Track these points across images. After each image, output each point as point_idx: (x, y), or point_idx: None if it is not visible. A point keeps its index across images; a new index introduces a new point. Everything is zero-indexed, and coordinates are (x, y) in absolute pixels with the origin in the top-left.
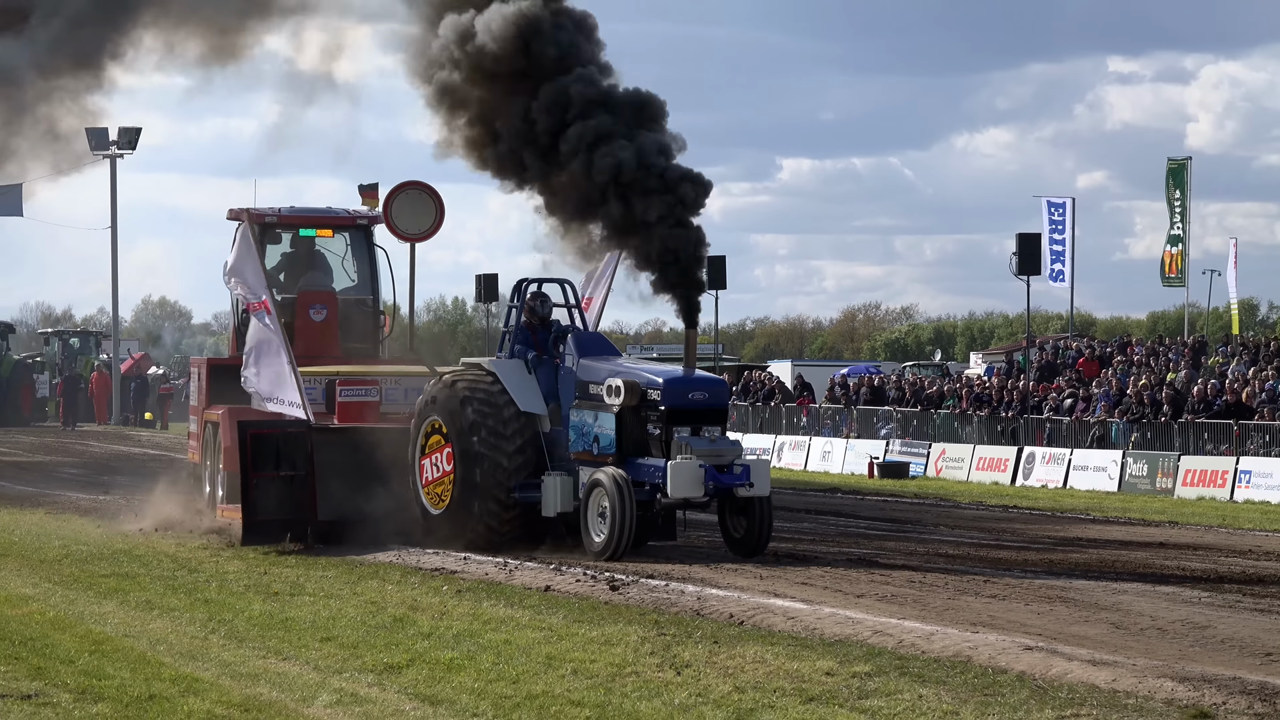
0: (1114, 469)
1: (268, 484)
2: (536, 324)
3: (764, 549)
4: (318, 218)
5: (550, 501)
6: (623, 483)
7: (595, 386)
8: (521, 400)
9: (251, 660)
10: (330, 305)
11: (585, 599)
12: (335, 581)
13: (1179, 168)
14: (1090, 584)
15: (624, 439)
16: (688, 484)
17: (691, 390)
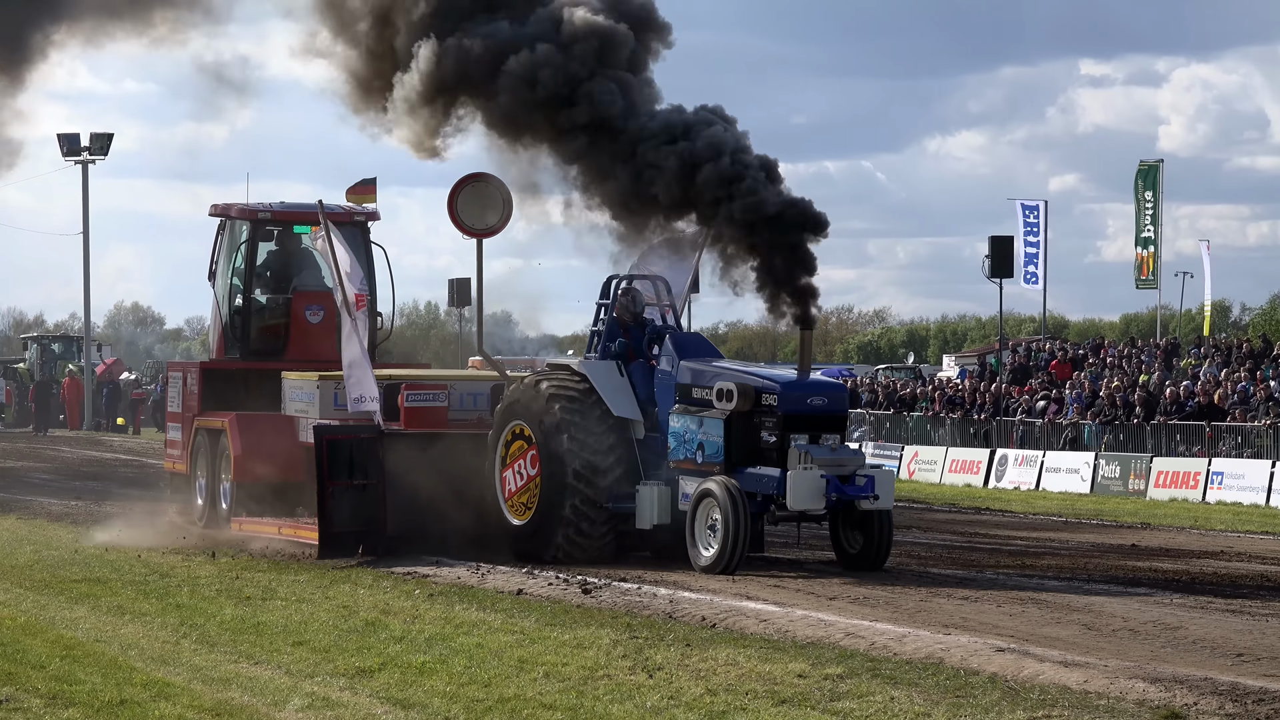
0: (1086, 471)
1: (342, 494)
2: (628, 322)
3: (882, 566)
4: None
5: (646, 512)
6: (736, 493)
7: (700, 390)
8: (614, 404)
9: (223, 665)
10: (328, 306)
11: (557, 602)
12: (307, 586)
13: (1150, 170)
14: (1062, 586)
15: (733, 447)
16: (809, 496)
17: (811, 395)
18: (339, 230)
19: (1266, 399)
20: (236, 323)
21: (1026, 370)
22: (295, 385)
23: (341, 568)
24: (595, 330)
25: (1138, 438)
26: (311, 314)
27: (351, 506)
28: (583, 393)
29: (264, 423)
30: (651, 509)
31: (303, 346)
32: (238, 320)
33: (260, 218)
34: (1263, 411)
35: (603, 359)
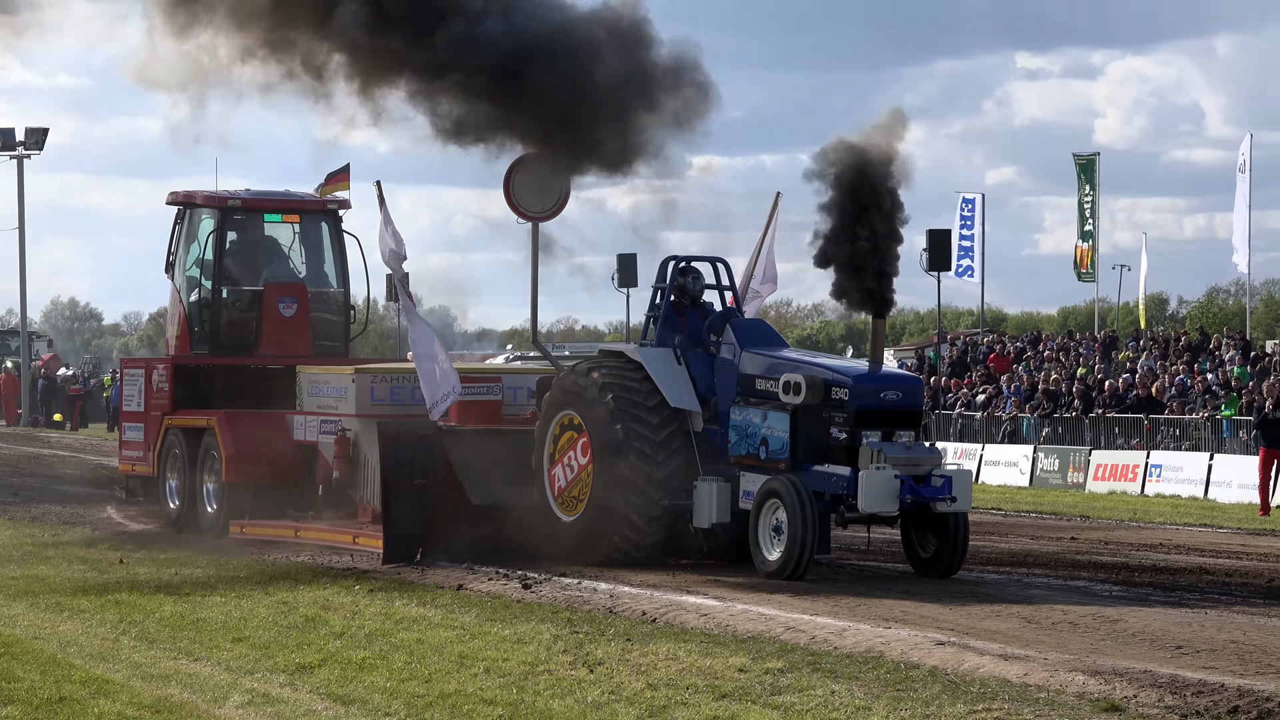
0: (1025, 464)
1: (405, 494)
2: (686, 307)
3: (957, 571)
4: (287, 202)
5: (704, 511)
6: (804, 494)
7: (764, 381)
8: (671, 394)
9: (162, 661)
10: (301, 299)
11: (498, 598)
12: (246, 582)
13: (1088, 163)
14: (1002, 579)
15: (799, 443)
16: (882, 497)
17: (884, 389)
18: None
19: (1204, 392)
20: (204, 317)
21: (964, 364)
22: (319, 380)
23: (281, 564)
24: (650, 315)
25: (1076, 431)
26: (284, 307)
27: (414, 507)
28: (638, 382)
29: (255, 420)
30: (710, 507)
31: (276, 341)
32: (204, 314)
33: (229, 206)
34: (1200, 404)
35: (659, 346)
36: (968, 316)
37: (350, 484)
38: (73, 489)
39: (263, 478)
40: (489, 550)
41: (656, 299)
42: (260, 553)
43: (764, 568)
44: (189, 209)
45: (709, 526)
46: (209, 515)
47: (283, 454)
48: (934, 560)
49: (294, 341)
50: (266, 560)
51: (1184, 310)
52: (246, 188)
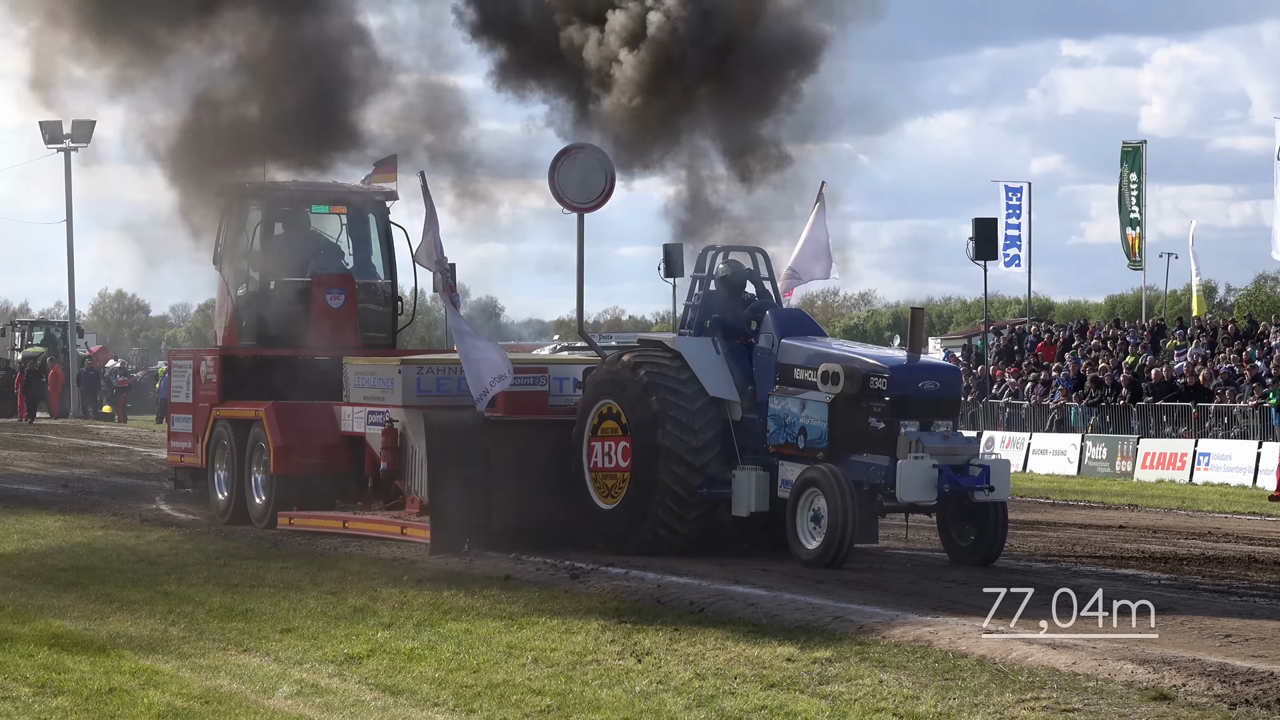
0: (1073, 452)
1: (454, 485)
2: (725, 296)
3: (995, 560)
4: (334, 192)
5: (743, 499)
6: (844, 482)
7: (802, 371)
8: (710, 384)
9: (211, 652)
10: (349, 290)
11: (545, 588)
12: (295, 573)
13: (1134, 151)
14: (1050, 568)
15: (837, 432)
16: (920, 486)
17: (922, 379)
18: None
19: (1252, 379)
20: (251, 308)
21: (1012, 352)
22: (365, 371)
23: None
24: (690, 304)
25: (1124, 419)
26: (332, 298)
27: (462, 498)
28: (676, 370)
29: (303, 412)
30: (749, 495)
31: (323, 332)
32: (252, 306)
33: (277, 197)
34: (1249, 392)
35: (698, 335)
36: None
37: (398, 474)
38: (121, 480)
39: (311, 469)
40: (536, 541)
41: (696, 289)
42: (308, 544)
43: (802, 556)
44: (236, 200)
45: (747, 515)
46: (257, 506)
47: (330, 445)
48: (972, 550)
49: (341, 333)
50: (315, 551)
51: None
52: (293, 179)
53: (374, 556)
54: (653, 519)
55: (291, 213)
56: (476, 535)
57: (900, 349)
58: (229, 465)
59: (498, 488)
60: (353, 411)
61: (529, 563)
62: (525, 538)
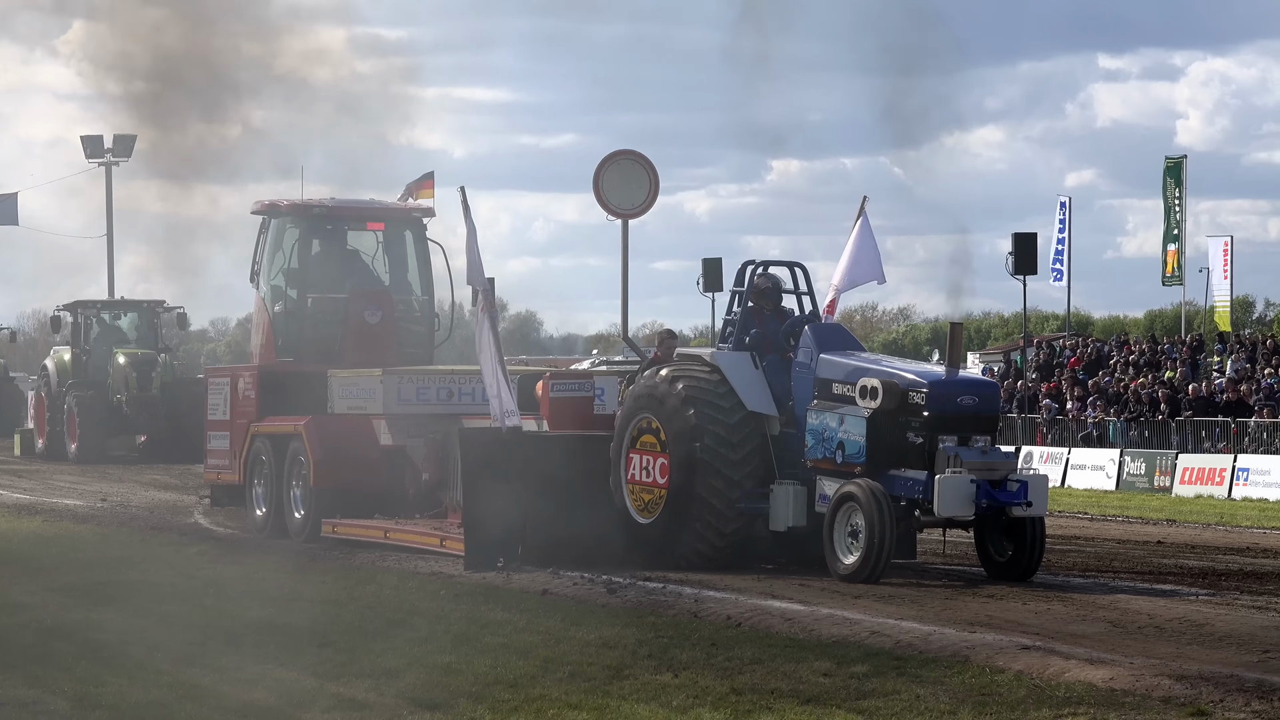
0: (1111, 467)
1: (489, 500)
2: (766, 311)
3: (1033, 575)
4: (372, 209)
5: (781, 514)
6: (882, 498)
7: (841, 386)
8: (749, 399)
9: (249, 666)
10: (386, 306)
11: (583, 602)
12: (332, 586)
13: (1175, 165)
14: (1088, 583)
15: (876, 447)
16: (958, 501)
17: (961, 394)
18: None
19: None
20: (289, 325)
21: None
22: (349, 382)
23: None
24: (729, 319)
25: (1163, 434)
26: (370, 315)
27: (495, 514)
28: (715, 385)
29: (341, 425)
30: (787, 510)
31: (361, 348)
32: (290, 322)
33: (315, 214)
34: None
35: (736, 349)
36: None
37: (440, 485)
38: (160, 495)
39: (350, 482)
40: (573, 555)
41: (734, 303)
42: (346, 558)
43: (839, 571)
44: (273, 218)
45: (785, 530)
46: (296, 521)
47: (370, 458)
48: (1009, 565)
49: (379, 349)
50: (352, 565)
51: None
52: (331, 195)
53: (411, 570)
54: (690, 533)
55: (329, 230)
56: (512, 550)
57: (939, 364)
58: (267, 481)
59: (534, 502)
60: (392, 424)
61: (566, 577)
62: (562, 552)
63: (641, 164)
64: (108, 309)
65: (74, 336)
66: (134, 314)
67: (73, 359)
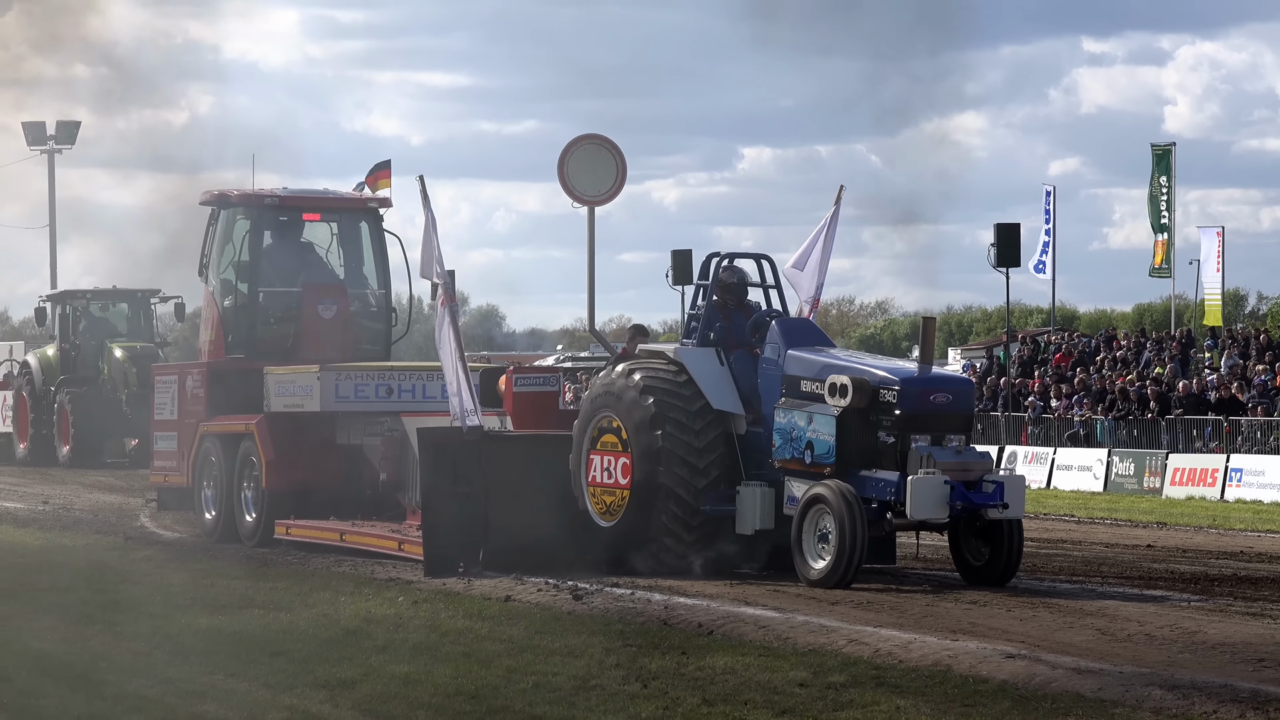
0: (1099, 468)
1: (449, 503)
2: (732, 306)
3: (1010, 580)
4: (326, 200)
5: (748, 516)
6: (852, 500)
7: (810, 383)
8: (714, 396)
9: (198, 677)
10: (341, 301)
11: (547, 609)
12: (285, 593)
13: (1164, 154)
14: (1075, 589)
15: (846, 447)
16: (931, 503)
17: (934, 391)
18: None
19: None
20: (240, 320)
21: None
22: (285, 379)
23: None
24: (693, 314)
25: (1152, 433)
26: (324, 309)
27: (456, 519)
28: (679, 383)
29: (294, 424)
30: (754, 512)
31: (315, 344)
32: (240, 318)
33: (266, 205)
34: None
35: (701, 346)
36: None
37: (398, 486)
38: (104, 497)
39: (304, 483)
40: (538, 560)
41: (699, 297)
42: (300, 563)
43: (808, 576)
44: (223, 209)
45: (752, 533)
46: (247, 524)
47: (324, 458)
48: (985, 569)
49: (334, 345)
50: (307, 570)
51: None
52: (283, 185)
53: (368, 576)
54: (654, 538)
55: (281, 221)
56: (473, 555)
57: (913, 360)
58: (217, 482)
59: (497, 504)
60: (349, 422)
61: (530, 583)
62: (526, 556)
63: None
64: (97, 299)
65: (61, 330)
66: (126, 304)
67: (60, 354)
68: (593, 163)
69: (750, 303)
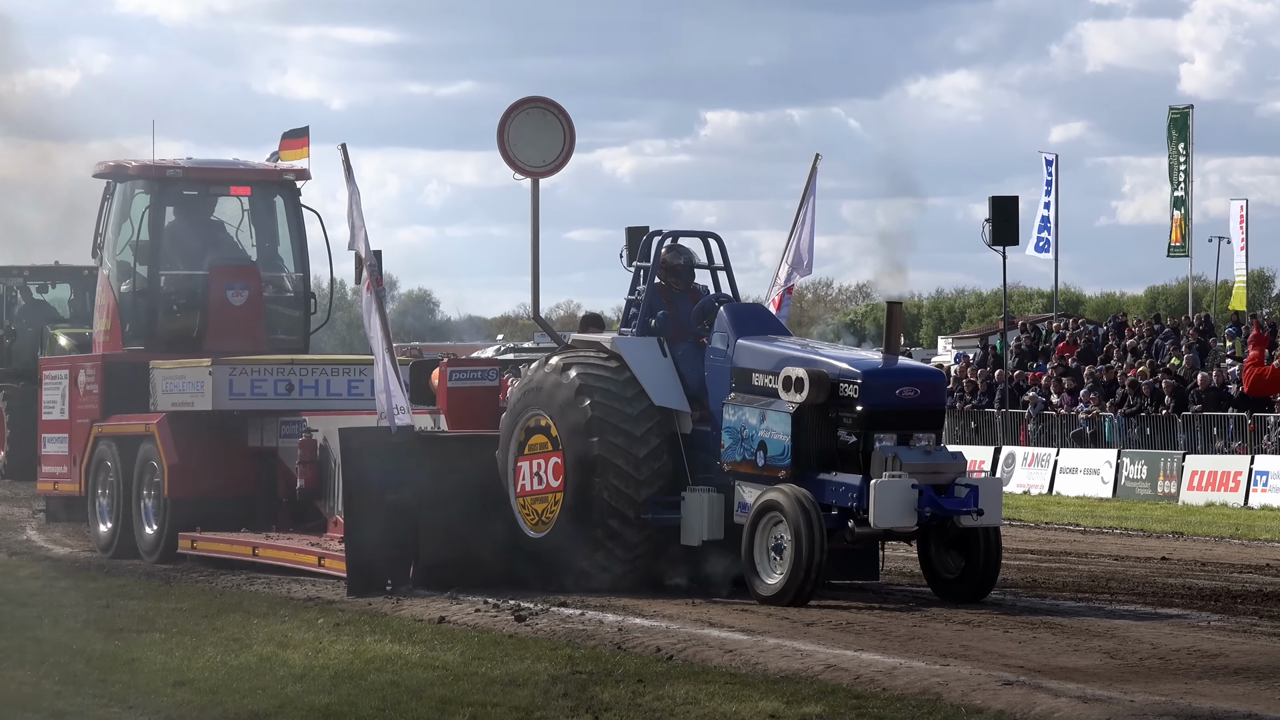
0: (1108, 471)
1: (372, 514)
2: (677, 290)
3: (988, 594)
4: (236, 172)
5: (694, 526)
6: (809, 507)
7: (762, 376)
8: (655, 391)
9: (92, 710)
10: (254, 285)
11: (486, 632)
12: (190, 615)
13: (1180, 117)
14: (1080, 606)
15: (803, 447)
16: (896, 509)
17: (901, 385)
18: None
19: None
20: (139, 307)
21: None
22: (174, 375)
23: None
24: (632, 300)
25: (1168, 432)
26: (234, 294)
27: (382, 530)
28: (616, 377)
29: (201, 424)
30: (701, 521)
31: (224, 334)
32: (140, 304)
33: (169, 178)
34: None
35: (641, 334)
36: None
37: (318, 494)
38: None
39: (212, 491)
40: (475, 576)
41: (639, 281)
42: (208, 580)
43: (760, 592)
44: (119, 182)
45: (699, 544)
46: (148, 537)
47: (235, 462)
48: (959, 583)
49: (245, 334)
50: (214, 589)
51: None
52: (188, 156)
53: (284, 595)
54: (590, 550)
55: (185, 196)
56: (403, 570)
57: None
58: (113, 490)
59: (429, 513)
60: (263, 423)
61: (466, 602)
62: (462, 572)
63: (554, 113)
64: (35, 278)
65: None
66: (68, 284)
67: None
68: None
69: (697, 286)
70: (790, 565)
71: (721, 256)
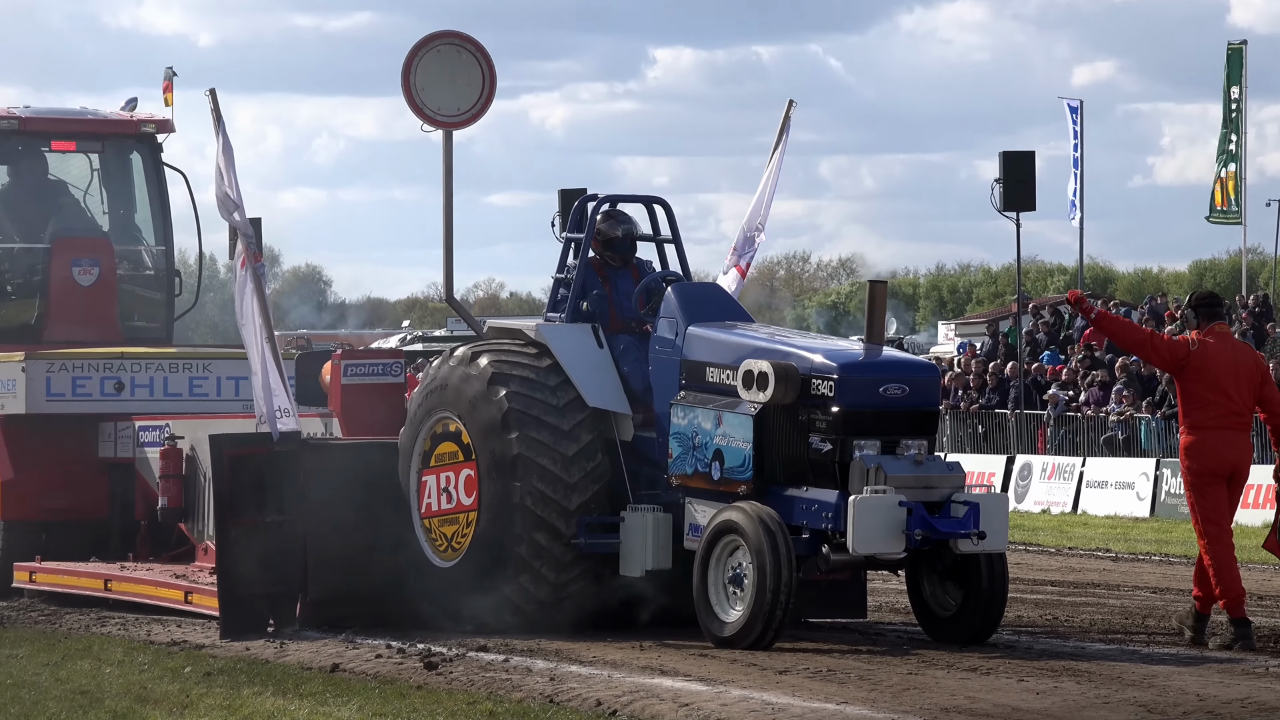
0: (1144, 485)
1: (249, 538)
2: (615, 267)
3: (991, 635)
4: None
5: (636, 553)
6: (775, 529)
7: (718, 371)
8: (589, 389)
9: None
10: (104, 260)
11: (389, 682)
12: (30, 663)
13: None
14: (1112, 650)
15: (766, 456)
16: (880, 532)
17: (885, 381)
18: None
19: None
20: None
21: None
22: None
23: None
24: (560, 279)
25: None
26: (81, 272)
27: (261, 557)
28: (541, 371)
29: (42, 430)
30: (644, 548)
31: (68, 319)
32: None
33: (2, 128)
34: None
35: (571, 321)
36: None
37: (184, 514)
38: None
39: (55, 512)
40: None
41: (569, 255)
42: (50, 620)
43: (716, 632)
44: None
45: (642, 575)
46: None
47: (84, 477)
48: (955, 621)
49: (95, 320)
50: (59, 632)
51: None
52: (24, 104)
53: (143, 639)
54: (508, 581)
55: (20, 151)
56: (288, 607)
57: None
58: None
59: (319, 538)
60: (118, 430)
61: (365, 646)
62: (361, 609)
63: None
64: None
65: None
66: None
67: None
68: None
69: (640, 262)
70: (752, 600)
71: (670, 226)
